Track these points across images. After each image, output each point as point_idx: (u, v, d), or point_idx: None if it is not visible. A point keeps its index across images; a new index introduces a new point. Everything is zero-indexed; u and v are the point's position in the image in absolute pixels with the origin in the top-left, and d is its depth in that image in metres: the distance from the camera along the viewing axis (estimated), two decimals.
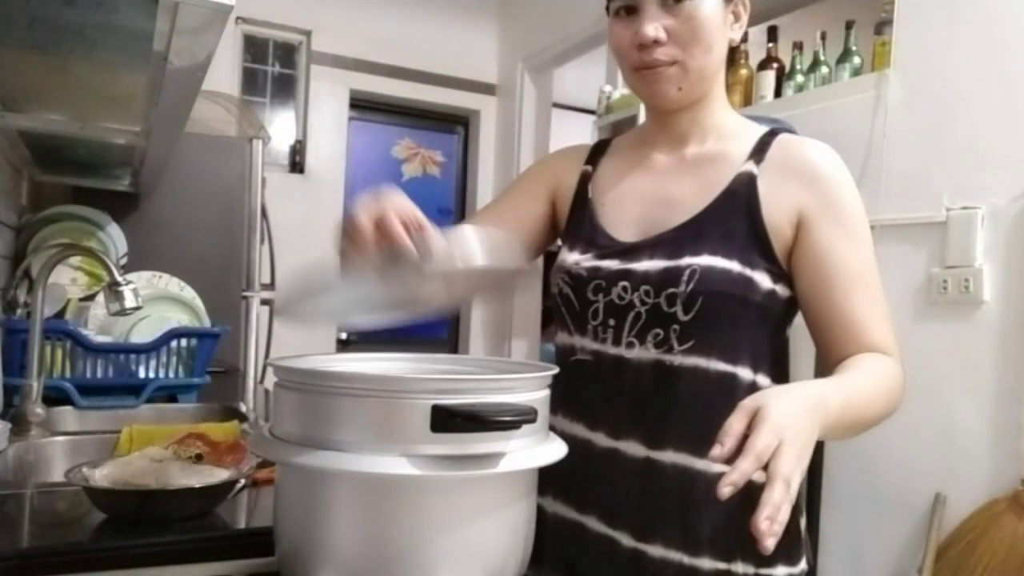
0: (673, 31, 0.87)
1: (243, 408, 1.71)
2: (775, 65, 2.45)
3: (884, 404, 0.84)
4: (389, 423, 0.62)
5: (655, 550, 0.87)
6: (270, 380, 0.78)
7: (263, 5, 3.58)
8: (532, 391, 0.69)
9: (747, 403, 0.67)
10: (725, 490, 0.62)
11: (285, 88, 3.82)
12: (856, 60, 2.23)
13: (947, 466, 1.87)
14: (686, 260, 0.86)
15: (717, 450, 0.64)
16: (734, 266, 0.86)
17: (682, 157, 0.96)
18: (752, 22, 2.90)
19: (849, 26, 2.26)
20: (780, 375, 0.95)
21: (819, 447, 2.13)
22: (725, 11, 0.89)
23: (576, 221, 0.99)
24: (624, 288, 0.89)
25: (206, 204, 2.37)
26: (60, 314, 1.91)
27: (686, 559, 0.87)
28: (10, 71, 1.14)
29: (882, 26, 2.12)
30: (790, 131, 0.98)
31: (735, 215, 0.89)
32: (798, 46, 2.40)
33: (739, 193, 0.89)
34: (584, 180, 1.01)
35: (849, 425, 0.78)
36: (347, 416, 0.63)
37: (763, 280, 0.87)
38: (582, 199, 1.00)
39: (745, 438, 0.64)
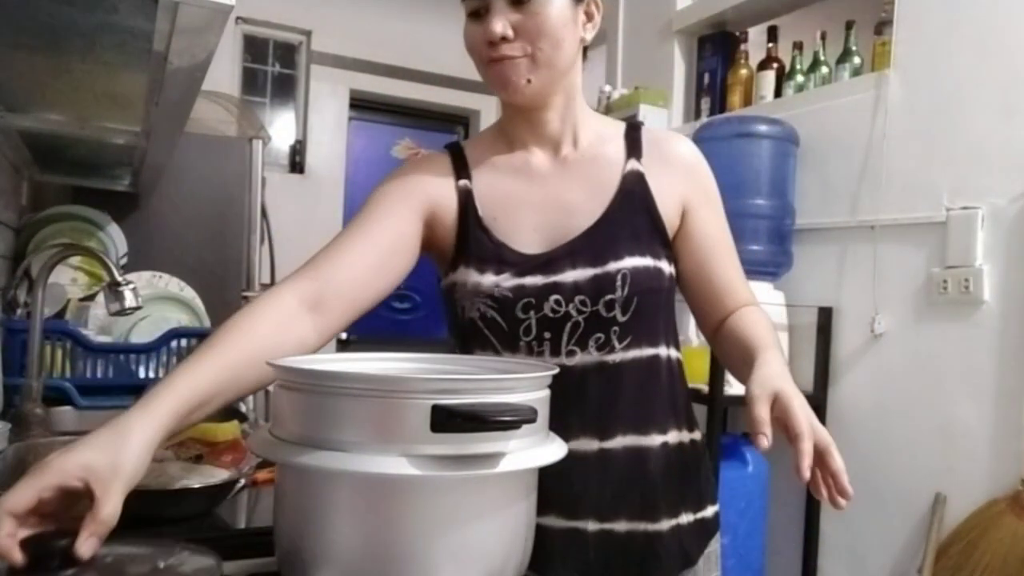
0: (520, 27, 0.89)
1: (243, 408, 1.71)
2: (775, 65, 2.45)
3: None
4: (389, 423, 0.62)
5: (620, 525, 0.94)
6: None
7: (263, 5, 3.58)
8: (532, 391, 0.69)
9: (761, 392, 0.78)
10: (807, 473, 0.79)
11: (285, 88, 3.82)
12: (856, 60, 2.23)
13: (947, 466, 1.87)
14: (612, 265, 0.91)
15: (764, 442, 0.75)
16: (649, 262, 0.93)
17: (563, 160, 0.98)
18: (752, 22, 2.91)
19: (849, 26, 2.26)
20: (678, 341, 1.05)
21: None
22: (575, 10, 0.92)
23: (472, 240, 0.95)
24: (557, 301, 0.91)
25: (206, 204, 2.37)
26: (60, 314, 1.91)
27: (650, 526, 0.95)
28: (10, 71, 1.14)
29: (882, 26, 2.12)
30: (638, 124, 1.05)
31: (636, 213, 0.95)
32: (798, 46, 2.40)
33: (634, 192, 0.96)
34: (465, 196, 0.97)
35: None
36: (347, 416, 0.63)
37: (665, 267, 0.96)
38: (470, 216, 0.96)
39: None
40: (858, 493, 2.27)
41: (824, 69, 2.33)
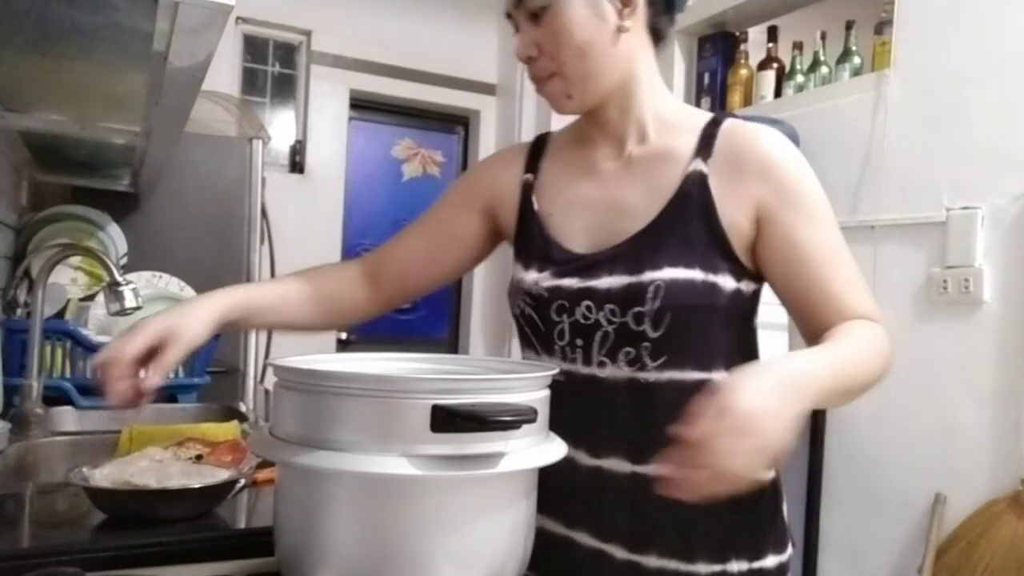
0: (542, 44, 0.87)
1: (243, 408, 1.71)
2: (775, 65, 2.45)
3: (874, 367, 0.82)
4: (389, 423, 0.62)
5: (650, 560, 0.87)
6: (270, 380, 0.78)
7: (263, 5, 3.58)
8: (532, 391, 0.69)
9: (716, 398, 0.67)
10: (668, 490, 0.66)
11: (285, 88, 3.82)
12: (856, 60, 2.23)
13: (947, 466, 1.87)
14: (648, 275, 0.84)
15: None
16: (696, 275, 0.84)
17: (627, 159, 0.93)
18: (752, 22, 2.91)
19: (849, 26, 2.26)
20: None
21: (819, 448, 2.13)
22: (597, 6, 0.86)
23: (526, 235, 0.96)
24: (588, 307, 0.87)
25: (206, 204, 2.37)
26: (60, 314, 1.91)
27: (683, 566, 0.86)
28: (10, 71, 1.14)
29: (882, 26, 2.12)
30: (722, 117, 0.96)
31: (691, 219, 0.86)
32: (798, 46, 2.40)
33: (692, 196, 0.87)
34: (527, 190, 0.98)
35: (842, 392, 0.78)
36: (347, 416, 0.63)
37: (727, 282, 0.86)
38: (528, 211, 0.96)
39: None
40: (858, 493, 2.28)
41: (824, 69, 2.33)
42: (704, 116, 0.94)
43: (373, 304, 1.03)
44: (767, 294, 0.90)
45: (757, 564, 0.88)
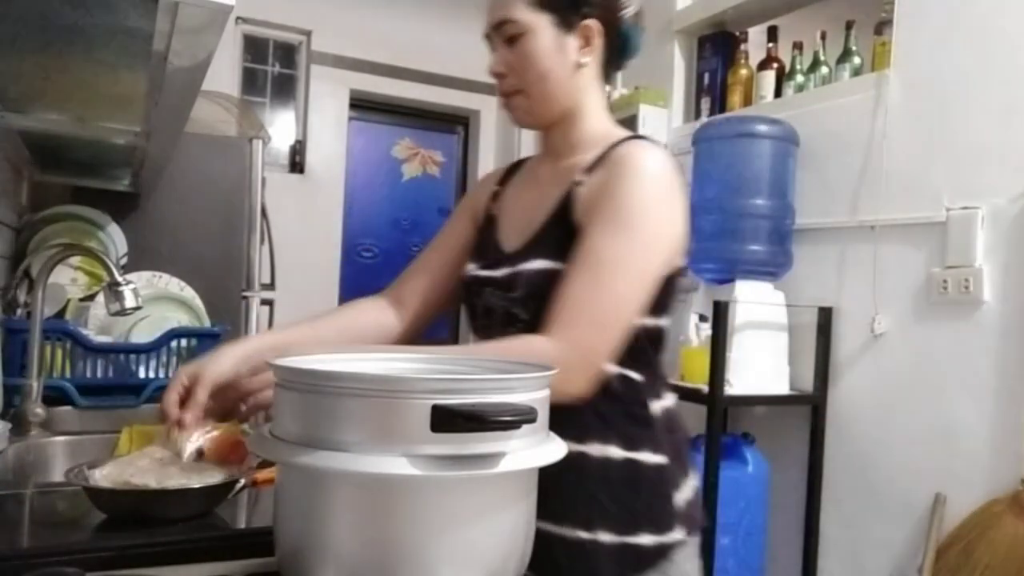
0: (511, 64, 1.01)
1: (243, 408, 1.71)
2: (775, 65, 2.45)
3: None
4: (389, 423, 0.62)
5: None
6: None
7: (263, 5, 3.58)
8: (532, 391, 0.69)
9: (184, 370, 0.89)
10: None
11: (285, 88, 3.82)
12: (856, 60, 2.23)
13: (947, 466, 1.87)
14: (521, 266, 0.99)
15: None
16: (558, 266, 0.95)
17: (555, 168, 1.07)
18: (752, 22, 2.90)
19: (849, 26, 2.26)
20: (635, 364, 0.98)
21: (819, 448, 2.13)
22: (562, 40, 1.00)
23: (481, 235, 1.12)
24: (490, 294, 1.03)
25: (206, 204, 2.37)
26: (60, 314, 1.91)
27: (552, 528, 0.94)
28: (10, 71, 1.14)
29: (882, 26, 2.12)
30: (631, 136, 1.05)
31: (561, 220, 0.99)
32: (798, 46, 2.40)
33: (565, 200, 1.00)
34: (492, 199, 1.15)
35: None
36: (347, 416, 0.63)
37: None
38: (489, 217, 1.13)
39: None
40: (858, 493, 2.28)
41: (824, 69, 2.33)
42: (622, 135, 1.04)
43: (404, 330, 1.13)
44: (767, 295, 0.92)
45: (630, 539, 0.95)
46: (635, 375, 0.99)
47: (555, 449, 0.70)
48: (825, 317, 2.15)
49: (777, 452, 2.23)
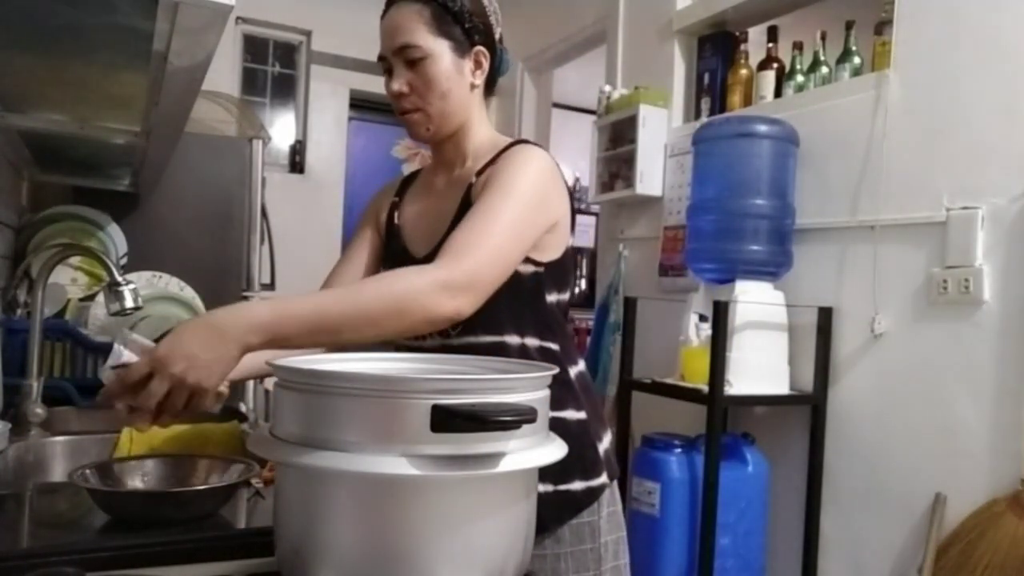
0: (413, 85, 1.10)
1: (243, 408, 1.71)
2: (775, 65, 2.45)
3: (373, 304, 0.90)
4: (389, 423, 0.62)
5: None
6: (270, 380, 0.78)
7: (263, 5, 3.58)
8: (532, 391, 0.69)
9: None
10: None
11: (285, 88, 3.82)
12: (856, 60, 2.23)
13: (947, 466, 1.87)
14: None
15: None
16: None
17: (454, 179, 1.18)
18: (752, 22, 2.90)
19: (849, 26, 2.26)
20: (552, 336, 1.13)
21: (819, 448, 2.13)
22: (459, 64, 1.12)
23: (388, 245, 1.22)
24: None
25: (206, 204, 2.37)
26: (60, 314, 1.91)
27: None
28: (10, 71, 1.14)
29: (882, 26, 2.12)
30: (519, 141, 1.16)
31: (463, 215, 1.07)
32: (798, 46, 2.40)
33: (464, 198, 1.11)
34: (392, 209, 1.24)
35: (313, 330, 0.85)
36: (347, 416, 0.63)
37: None
38: (392, 226, 1.22)
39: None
40: (858, 493, 2.28)
41: (824, 69, 2.33)
42: (509, 140, 1.16)
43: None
44: (767, 295, 0.93)
45: (563, 487, 1.07)
46: (552, 345, 1.13)
47: (555, 449, 0.70)
48: (825, 317, 2.15)
49: (777, 452, 2.23)
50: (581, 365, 1.18)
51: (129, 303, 1.43)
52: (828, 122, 2.20)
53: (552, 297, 1.14)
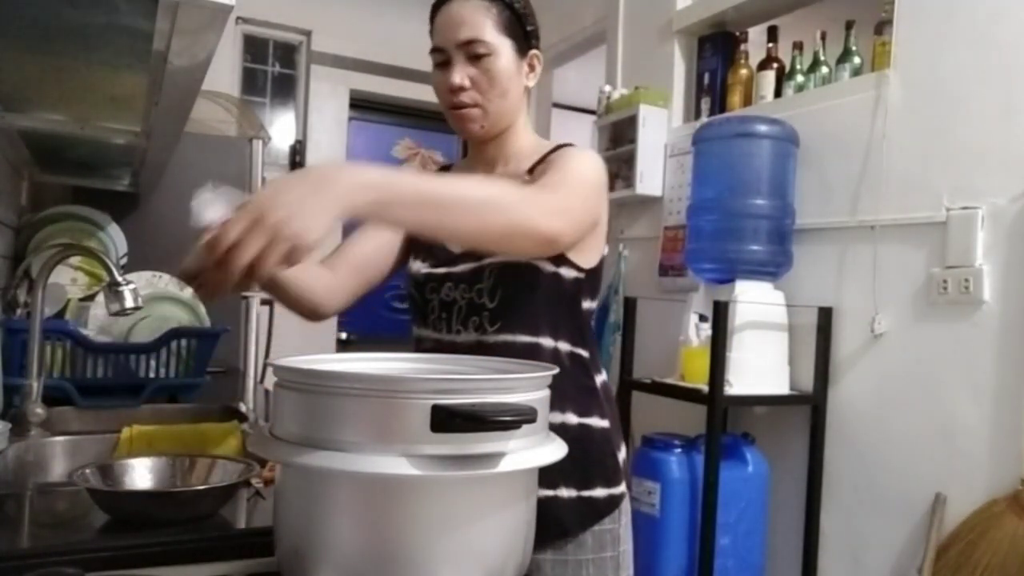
0: (475, 79, 1.10)
1: (243, 408, 1.71)
2: (775, 65, 2.45)
3: (480, 192, 0.90)
4: (389, 423, 0.62)
5: None
6: (270, 380, 0.78)
7: (263, 5, 3.58)
8: (532, 391, 0.69)
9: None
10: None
11: (285, 88, 3.82)
12: (856, 60, 2.23)
13: (947, 466, 1.87)
14: (486, 261, 1.09)
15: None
16: (522, 259, 1.07)
17: (493, 177, 1.17)
18: (752, 22, 2.90)
19: (849, 26, 2.26)
20: (582, 342, 1.15)
21: (819, 448, 2.13)
22: (519, 64, 1.13)
23: (423, 239, 1.19)
24: (449, 288, 1.13)
25: None
26: (60, 314, 1.91)
27: None
28: (10, 71, 1.14)
29: (882, 26, 2.12)
30: (566, 144, 1.17)
31: None
32: (798, 46, 2.40)
33: None
34: None
35: (420, 203, 0.82)
36: (347, 416, 0.63)
37: (545, 266, 1.08)
38: None
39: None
40: (858, 493, 2.28)
41: (824, 69, 2.33)
42: (555, 143, 1.18)
43: (328, 287, 1.16)
44: (767, 295, 0.93)
45: (586, 493, 1.08)
46: (583, 352, 1.14)
47: (555, 449, 0.70)
48: (825, 317, 2.15)
49: (777, 452, 2.23)
50: (604, 374, 1.19)
51: (129, 303, 1.43)
52: (828, 122, 2.20)
53: (586, 304, 1.15)
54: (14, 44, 0.99)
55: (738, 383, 2.06)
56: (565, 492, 1.07)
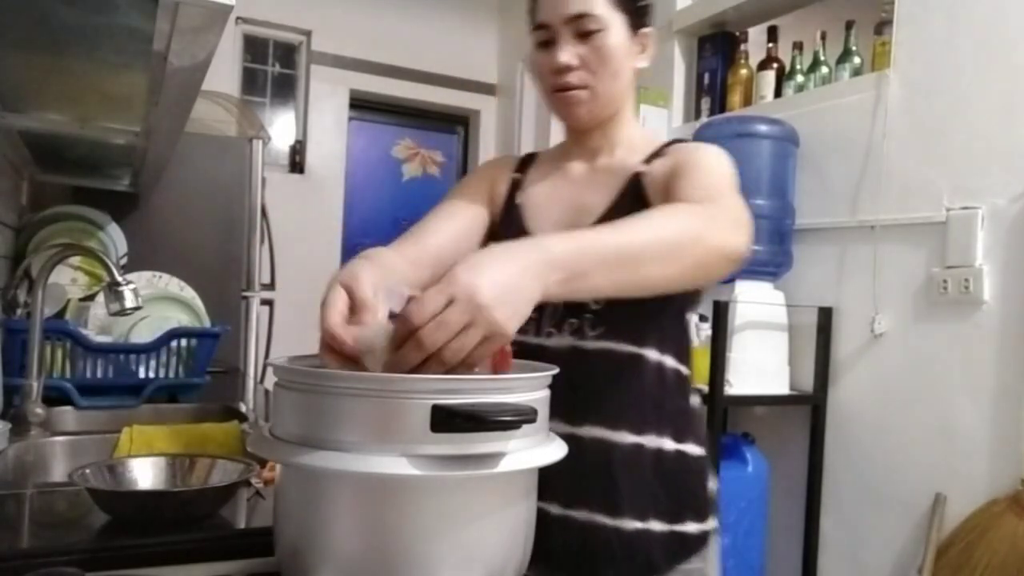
0: (584, 58, 0.99)
1: (243, 408, 1.71)
2: (775, 65, 2.45)
3: (668, 229, 0.80)
4: (389, 423, 0.62)
5: (581, 515, 0.97)
6: (270, 380, 0.78)
7: (263, 5, 3.58)
8: (532, 391, 0.69)
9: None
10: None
11: (285, 88, 3.82)
12: (856, 60, 2.23)
13: (947, 466, 1.87)
14: None
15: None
16: None
17: (593, 167, 1.07)
18: (752, 22, 2.90)
19: (849, 26, 2.26)
20: (686, 358, 1.04)
21: (819, 448, 2.13)
22: (631, 43, 1.01)
23: (505, 225, 1.09)
24: None
25: (206, 204, 2.37)
26: (60, 314, 1.91)
27: (609, 521, 0.97)
28: (10, 71, 1.14)
29: (882, 26, 2.12)
30: (680, 140, 1.08)
31: (631, 203, 0.98)
32: (798, 46, 2.40)
33: (629, 190, 1.00)
34: (513, 186, 1.12)
35: (613, 263, 0.74)
36: (347, 416, 0.63)
37: None
38: (511, 204, 1.10)
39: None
40: (858, 493, 2.28)
41: (824, 69, 2.33)
42: (666, 139, 1.07)
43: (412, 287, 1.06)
44: (767, 295, 0.92)
45: (678, 527, 0.99)
46: (684, 369, 1.03)
47: (555, 449, 0.70)
48: (825, 317, 2.15)
49: (777, 452, 2.23)
50: (698, 396, 1.09)
51: (129, 303, 1.43)
52: (828, 122, 2.20)
53: (688, 316, 1.05)
54: (14, 44, 0.99)
55: (738, 383, 2.06)
56: (657, 525, 0.98)
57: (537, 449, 0.68)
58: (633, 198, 0.99)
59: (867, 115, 2.10)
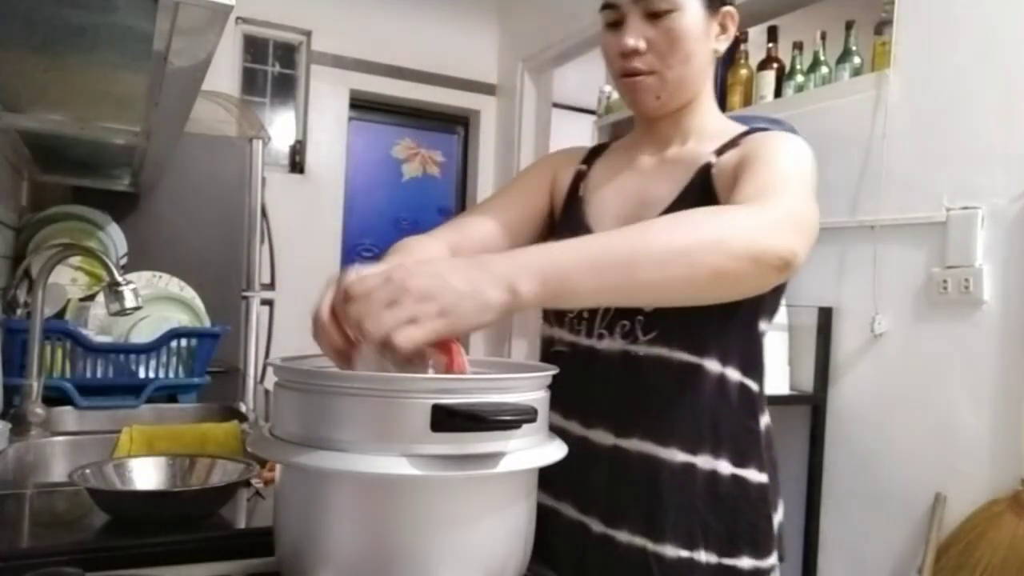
0: (653, 42, 0.92)
1: (243, 408, 1.71)
2: (775, 65, 2.45)
3: (677, 233, 0.73)
4: (389, 423, 0.62)
5: (622, 535, 0.91)
6: (270, 380, 0.78)
7: (263, 5, 3.58)
8: (532, 391, 0.69)
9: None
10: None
11: (285, 88, 3.82)
12: (856, 60, 2.23)
13: (947, 466, 1.87)
14: None
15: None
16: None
17: (662, 158, 1.00)
18: (752, 22, 2.90)
19: (849, 26, 2.26)
20: (755, 372, 0.95)
21: (819, 448, 2.13)
22: (708, 23, 0.94)
23: (566, 216, 1.04)
24: None
25: (206, 204, 2.37)
26: (60, 314, 1.91)
27: (650, 545, 0.89)
28: (10, 71, 1.14)
29: (882, 26, 2.12)
30: (759, 128, 0.99)
31: (698, 197, 0.91)
32: (798, 46, 2.40)
33: (697, 183, 0.93)
34: (578, 178, 1.06)
35: (596, 265, 0.70)
36: (347, 416, 0.63)
37: None
38: (574, 196, 1.05)
39: None
40: (858, 493, 2.27)
41: (824, 69, 2.33)
42: (741, 128, 0.98)
43: None
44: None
45: (728, 561, 0.89)
46: (753, 385, 0.94)
47: (555, 449, 0.69)
48: (825, 317, 2.15)
49: (777, 452, 2.23)
50: (768, 416, 0.98)
51: (129, 303, 1.43)
52: (828, 122, 2.20)
53: (763, 326, 0.95)
54: (14, 44, 0.99)
55: None
56: (704, 556, 0.89)
57: (537, 449, 0.68)
58: (701, 192, 0.92)
59: (867, 115, 2.10)
